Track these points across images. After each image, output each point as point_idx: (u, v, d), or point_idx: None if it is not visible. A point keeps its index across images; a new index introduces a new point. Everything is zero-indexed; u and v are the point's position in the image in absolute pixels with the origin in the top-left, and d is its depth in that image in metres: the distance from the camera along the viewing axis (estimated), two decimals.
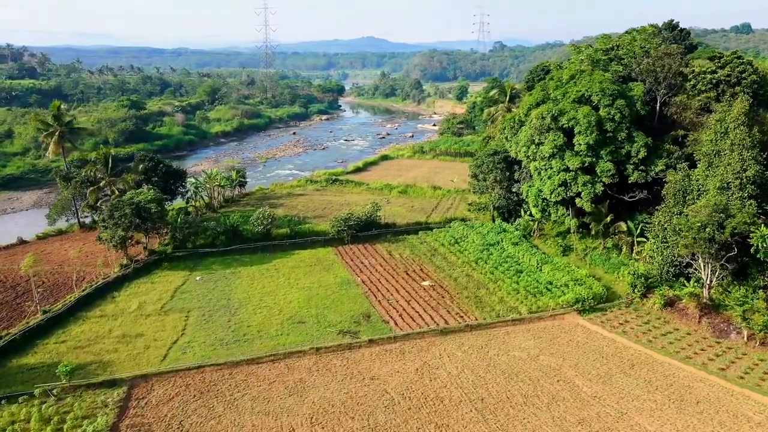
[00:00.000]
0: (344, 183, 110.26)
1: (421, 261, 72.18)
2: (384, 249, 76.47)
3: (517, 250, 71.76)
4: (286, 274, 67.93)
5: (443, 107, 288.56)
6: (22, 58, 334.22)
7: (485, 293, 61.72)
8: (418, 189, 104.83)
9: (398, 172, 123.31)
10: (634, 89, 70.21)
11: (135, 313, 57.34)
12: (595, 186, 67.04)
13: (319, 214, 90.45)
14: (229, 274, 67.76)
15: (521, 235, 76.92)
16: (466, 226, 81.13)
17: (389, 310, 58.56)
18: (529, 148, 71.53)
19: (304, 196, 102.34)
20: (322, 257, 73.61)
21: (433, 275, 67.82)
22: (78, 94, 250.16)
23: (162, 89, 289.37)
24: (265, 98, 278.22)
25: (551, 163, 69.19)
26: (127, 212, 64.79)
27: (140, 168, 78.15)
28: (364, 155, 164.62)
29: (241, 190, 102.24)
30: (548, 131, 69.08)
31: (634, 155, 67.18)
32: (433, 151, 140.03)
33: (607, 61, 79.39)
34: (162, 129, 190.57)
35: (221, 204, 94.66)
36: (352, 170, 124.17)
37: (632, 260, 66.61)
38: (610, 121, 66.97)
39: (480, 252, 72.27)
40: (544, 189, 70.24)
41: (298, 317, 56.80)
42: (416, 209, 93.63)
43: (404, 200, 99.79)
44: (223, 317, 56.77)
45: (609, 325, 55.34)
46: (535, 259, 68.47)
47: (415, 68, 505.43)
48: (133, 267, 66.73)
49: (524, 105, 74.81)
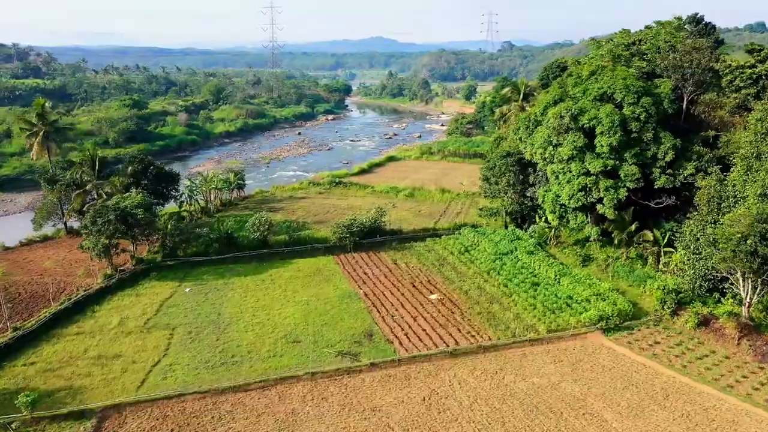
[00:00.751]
0: (348, 186, 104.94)
1: (428, 271, 66.71)
2: (389, 257, 71.04)
3: (532, 260, 66.14)
4: (283, 285, 62.62)
5: (451, 107, 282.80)
6: (28, 58, 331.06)
7: (499, 309, 56.14)
8: (426, 192, 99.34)
9: (405, 174, 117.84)
10: (661, 86, 64.43)
11: (115, 329, 52.18)
12: (618, 191, 61.33)
13: (321, 219, 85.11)
14: (222, 286, 62.53)
15: (536, 243, 71.24)
16: (476, 233, 75.54)
17: (394, 328, 53.10)
18: (546, 150, 65.90)
19: (306, 200, 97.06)
20: (322, 267, 68.27)
21: (442, 287, 62.33)
22: (82, 94, 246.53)
23: (167, 89, 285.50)
24: (270, 98, 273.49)
25: (570, 166, 63.52)
26: (111, 218, 59.72)
27: (129, 170, 73.09)
28: (370, 156, 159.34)
29: (240, 193, 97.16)
30: (567, 131, 63.43)
31: (661, 158, 61.45)
32: (441, 152, 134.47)
33: (629, 56, 73.56)
34: (164, 129, 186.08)
35: (218, 208, 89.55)
36: (356, 172, 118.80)
37: (659, 272, 60.89)
38: (634, 121, 61.26)
39: (492, 262, 66.70)
40: (562, 194, 64.57)
41: (294, 336, 51.45)
42: (423, 214, 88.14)
43: (411, 204, 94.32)
44: (211, 335, 51.50)
45: (637, 347, 49.63)
46: (553, 270, 62.80)
47: (423, 68, 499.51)
48: (117, 277, 61.65)
49: (540, 103, 69.18)
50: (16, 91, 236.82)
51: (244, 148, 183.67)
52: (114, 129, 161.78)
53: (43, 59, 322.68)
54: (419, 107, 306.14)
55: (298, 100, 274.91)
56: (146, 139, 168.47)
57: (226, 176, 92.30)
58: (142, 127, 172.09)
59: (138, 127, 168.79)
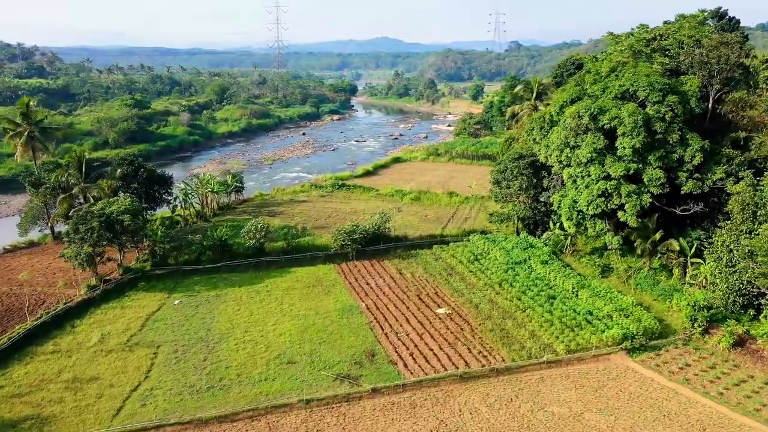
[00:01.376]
0: (351, 188, 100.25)
1: (435, 282, 61.97)
2: (393, 266, 66.35)
3: (547, 271, 61.29)
4: (279, 297, 58.01)
5: (458, 107, 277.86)
6: (32, 58, 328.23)
7: (512, 325, 51.34)
8: (433, 195, 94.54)
9: (411, 176, 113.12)
10: (687, 83, 59.45)
11: (94, 348, 47.68)
12: (641, 197, 56.36)
13: (322, 224, 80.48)
14: (213, 297, 57.98)
15: (551, 252, 66.41)
16: (487, 240, 70.74)
17: (398, 347, 48.40)
18: (563, 152, 61.02)
19: (307, 203, 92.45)
20: (322, 276, 63.63)
21: (450, 300, 57.57)
22: (85, 94, 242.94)
23: (172, 89, 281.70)
24: (275, 98, 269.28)
25: (589, 169, 58.61)
26: (95, 225, 55.28)
27: (118, 173, 68.62)
28: (375, 157, 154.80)
29: (239, 196, 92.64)
30: (586, 132, 58.56)
31: (688, 161, 56.46)
32: (448, 153, 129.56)
33: (650, 52, 68.58)
34: (166, 129, 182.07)
35: (215, 212, 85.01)
36: (361, 174, 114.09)
37: (686, 285, 55.93)
38: (659, 121, 56.28)
39: (504, 272, 61.92)
40: (579, 200, 59.67)
41: (288, 355, 46.81)
42: (430, 219, 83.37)
43: (417, 208, 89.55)
44: (199, 354, 46.95)
45: (667, 370, 44.74)
46: (570, 282, 57.94)
47: (430, 68, 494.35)
48: (102, 288, 57.15)
49: (556, 102, 64.28)
50: (18, 90, 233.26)
51: (248, 148, 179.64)
52: (114, 129, 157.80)
53: (47, 59, 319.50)
54: (425, 107, 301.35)
55: (303, 100, 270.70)
56: (147, 140, 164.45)
57: (224, 179, 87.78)
58: (143, 128, 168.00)
59: (139, 127, 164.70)
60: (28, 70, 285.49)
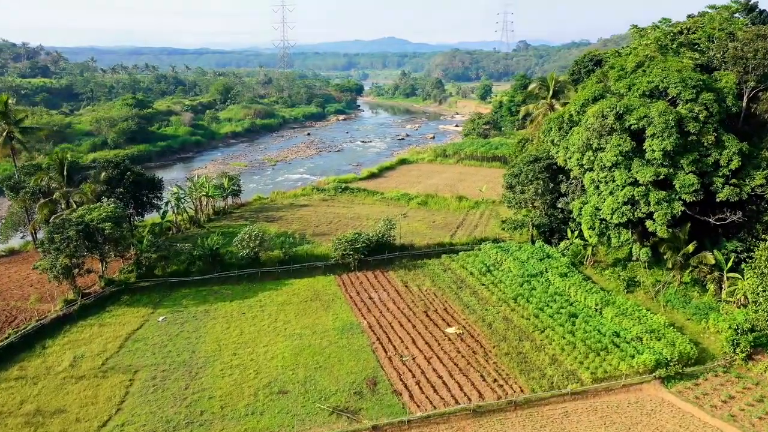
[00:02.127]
0: (355, 192, 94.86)
1: (444, 296, 56.50)
2: (398, 278, 60.94)
3: (566, 284, 55.74)
4: (273, 313, 52.70)
5: (466, 107, 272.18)
6: (38, 57, 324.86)
7: (531, 348, 45.84)
8: (441, 200, 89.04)
9: (418, 179, 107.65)
10: (723, 79, 53.73)
11: (64, 373, 42.54)
12: (672, 205, 50.64)
13: (324, 230, 75.12)
14: (201, 313, 52.74)
15: (570, 263, 60.90)
16: (499, 249, 65.22)
17: (403, 373, 43.01)
18: (584, 155, 55.38)
19: (308, 208, 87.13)
20: (321, 289, 58.30)
21: (461, 318, 52.09)
22: (88, 93, 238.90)
23: (177, 88, 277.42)
24: (280, 97, 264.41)
25: (614, 174, 52.97)
26: (72, 235, 50.18)
27: (103, 176, 63.48)
28: (381, 158, 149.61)
29: (236, 200, 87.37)
30: (610, 133, 52.93)
31: (725, 165, 50.71)
32: (457, 154, 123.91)
33: (677, 47, 62.83)
34: (168, 129, 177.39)
35: (210, 217, 79.75)
36: (365, 176, 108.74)
37: (722, 303, 50.23)
38: (692, 121, 50.58)
39: (519, 285, 56.44)
40: (603, 207, 54.02)
41: (280, 383, 41.51)
42: (438, 225, 77.87)
43: (424, 213, 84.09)
44: (180, 381, 41.71)
45: (708, 404, 39.13)
46: (593, 298, 52.34)
47: (437, 68, 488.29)
48: (80, 303, 52.00)
49: (577, 100, 58.61)
50: (20, 90, 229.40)
51: (251, 149, 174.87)
52: (114, 129, 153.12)
53: (51, 58, 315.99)
54: (433, 107, 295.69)
55: (308, 99, 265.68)
56: (148, 140, 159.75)
57: (220, 182, 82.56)
58: (144, 128, 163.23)
59: (139, 127, 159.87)
60: (32, 69, 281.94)
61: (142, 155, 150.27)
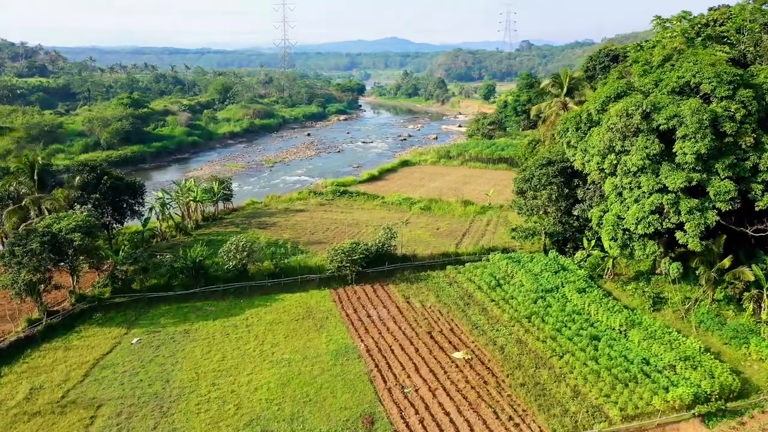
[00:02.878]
0: (354, 196, 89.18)
1: (450, 314, 50.89)
2: (400, 293, 55.36)
3: (586, 301, 50.09)
4: (260, 335, 47.16)
5: (469, 107, 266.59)
6: (36, 57, 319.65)
7: (549, 377, 40.23)
8: (445, 204, 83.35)
9: (420, 182, 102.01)
10: (761, 75, 48.10)
11: (17, 409, 36.97)
12: (705, 214, 45.06)
13: (319, 238, 69.57)
14: (180, 334, 47.21)
15: (588, 276, 55.28)
16: (510, 260, 59.59)
17: (405, 409, 37.41)
18: (606, 158, 49.77)
19: (304, 213, 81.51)
20: (315, 306, 52.73)
21: (469, 340, 46.48)
22: (84, 93, 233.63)
23: (175, 88, 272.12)
24: (280, 97, 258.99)
25: (640, 179, 47.36)
26: (35, 247, 44.69)
27: (77, 181, 57.95)
28: (382, 159, 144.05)
29: (227, 205, 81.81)
30: (636, 134, 47.33)
31: (764, 170, 45.14)
32: (461, 155, 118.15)
33: (704, 39, 57.19)
34: (164, 129, 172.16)
35: (198, 224, 74.12)
36: (365, 179, 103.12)
37: (764, 324, 44.54)
38: (729, 121, 45.01)
39: (533, 302, 50.84)
40: (627, 216, 48.41)
41: (263, 421, 35.95)
42: (443, 233, 72.24)
43: (427, 219, 78.44)
44: (148, 419, 36.16)
45: None
46: (617, 317, 46.69)
47: (439, 68, 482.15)
48: (45, 323, 46.47)
49: (597, 98, 52.86)
50: (16, 89, 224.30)
51: (249, 149, 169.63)
52: (107, 129, 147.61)
53: (49, 57, 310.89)
54: (435, 107, 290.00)
55: (309, 99, 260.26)
56: (143, 141, 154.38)
57: (210, 185, 77.01)
58: (139, 128, 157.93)
59: (134, 127, 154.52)
60: (29, 68, 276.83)
61: (136, 156, 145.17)
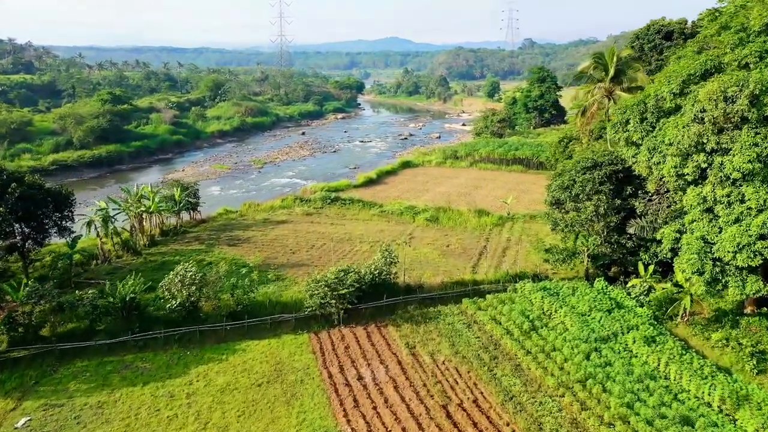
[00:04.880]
0: (347, 204, 74.47)
1: (472, 374, 36.42)
2: (402, 339, 40.87)
3: (660, 358, 35.58)
4: (204, 411, 32.69)
5: (472, 105, 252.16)
6: (24, 53, 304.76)
7: None
8: (455, 214, 68.75)
9: (424, 186, 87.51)
10: None
11: None
12: None
13: (301, 259, 55.09)
14: (90, 411, 32.77)
15: (653, 316, 40.85)
16: (545, 293, 45.10)
17: None
18: (689, 160, 35.38)
19: (286, 225, 66.96)
20: (287, 361, 38.26)
21: (502, 420, 31.98)
22: (69, 90, 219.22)
23: (169, 86, 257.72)
24: (276, 95, 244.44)
25: (743, 189, 33.01)
26: None
27: None
28: (381, 160, 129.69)
29: (194, 215, 67.29)
30: (739, 126, 32.96)
31: None
32: (470, 156, 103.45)
33: None
34: (147, 128, 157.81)
35: (154, 240, 59.51)
36: (361, 183, 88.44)
37: None
38: None
39: (585, 357, 36.43)
40: (720, 241, 34.04)
41: None
42: (454, 251, 57.76)
43: (434, 233, 63.94)
44: None
45: None
46: (717, 391, 32.12)
47: (440, 66, 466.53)
48: None
49: (672, 77, 38.20)
50: None
51: (238, 149, 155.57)
52: (81, 127, 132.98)
53: (35, 54, 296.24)
54: (437, 106, 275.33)
55: (305, 97, 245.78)
56: (122, 140, 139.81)
57: (171, 192, 62.40)
58: (118, 126, 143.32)
59: (112, 125, 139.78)
60: (14, 65, 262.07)
61: (112, 156, 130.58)
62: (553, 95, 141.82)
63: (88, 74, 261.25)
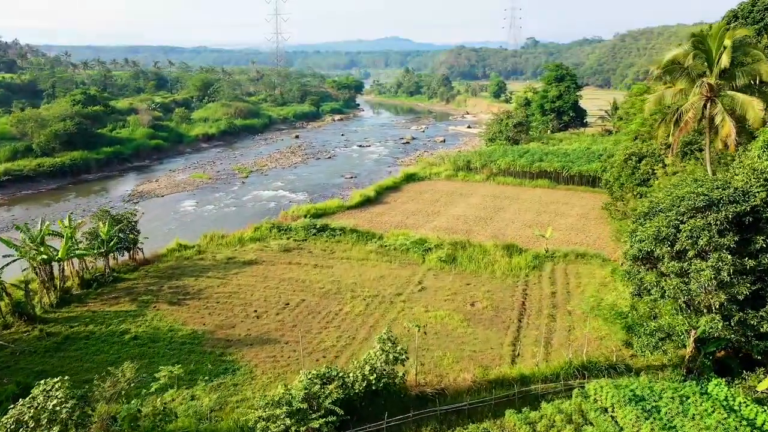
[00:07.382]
0: (338, 235, 57.04)
1: None
2: None
3: None
4: None
5: (477, 106, 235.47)
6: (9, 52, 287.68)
7: None
8: (478, 252, 51.34)
9: (434, 207, 70.32)
10: None
11: None
12: None
13: (269, 329, 37.92)
14: None
15: None
16: (634, 405, 28.06)
17: None
18: None
19: (256, 268, 49.69)
20: None
21: None
22: (48, 90, 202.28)
23: (159, 85, 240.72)
24: (269, 95, 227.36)
25: None
26: None
27: None
28: (382, 167, 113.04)
29: (134, 254, 50.14)
30: None
31: None
32: (486, 167, 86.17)
33: None
34: (123, 131, 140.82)
35: (67, 295, 42.34)
36: (356, 203, 70.93)
37: None
38: None
39: None
40: None
41: None
42: (483, 314, 40.56)
43: (452, 281, 46.66)
44: None
45: None
46: None
47: (442, 66, 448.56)
48: None
49: None
50: None
51: (224, 155, 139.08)
52: (43, 131, 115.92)
53: (17, 52, 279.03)
54: (439, 106, 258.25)
55: (301, 97, 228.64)
56: (91, 145, 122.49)
57: (94, 225, 45.27)
58: (87, 129, 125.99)
59: (80, 128, 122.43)
60: None
61: (77, 165, 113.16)
62: (573, 96, 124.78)
63: (72, 73, 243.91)
